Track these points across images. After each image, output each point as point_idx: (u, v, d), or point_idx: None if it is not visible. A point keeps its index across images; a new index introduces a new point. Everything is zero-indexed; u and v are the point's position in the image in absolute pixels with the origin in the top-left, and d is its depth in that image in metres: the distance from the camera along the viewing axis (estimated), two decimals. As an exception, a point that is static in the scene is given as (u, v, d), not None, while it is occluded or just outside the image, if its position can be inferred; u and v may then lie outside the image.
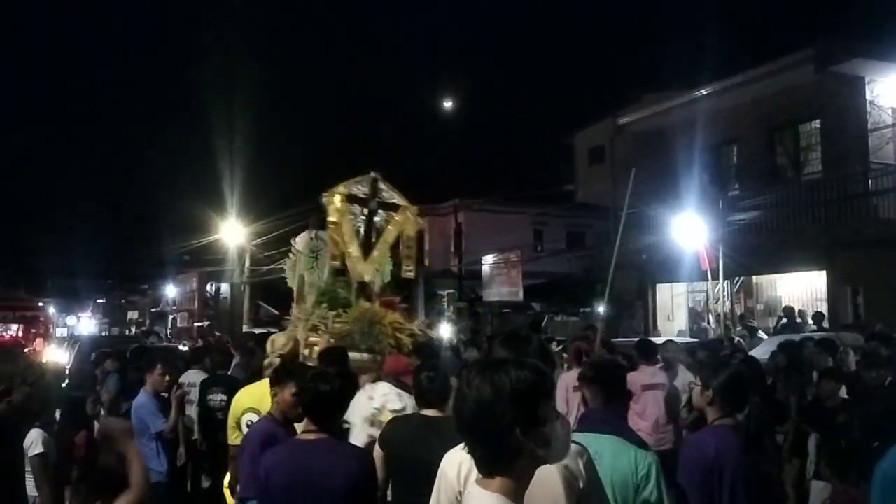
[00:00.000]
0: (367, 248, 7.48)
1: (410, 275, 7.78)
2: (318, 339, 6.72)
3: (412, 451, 3.46)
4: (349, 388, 3.59)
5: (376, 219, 7.61)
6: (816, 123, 16.48)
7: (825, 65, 15.33)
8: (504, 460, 1.79)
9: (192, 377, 9.11)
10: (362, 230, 7.55)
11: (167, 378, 6.55)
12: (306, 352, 6.60)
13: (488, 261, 26.01)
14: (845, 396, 6.92)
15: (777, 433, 7.45)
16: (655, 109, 20.07)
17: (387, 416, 4.58)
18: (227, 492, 4.73)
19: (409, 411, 4.43)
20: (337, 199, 7.36)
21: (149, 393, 6.40)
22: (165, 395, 6.62)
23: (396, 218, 7.64)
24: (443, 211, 29.55)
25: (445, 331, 17.87)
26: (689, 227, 14.62)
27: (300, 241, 8.10)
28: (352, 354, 5.95)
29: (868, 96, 15.59)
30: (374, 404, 4.72)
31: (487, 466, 1.81)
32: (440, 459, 2.54)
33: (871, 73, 15.52)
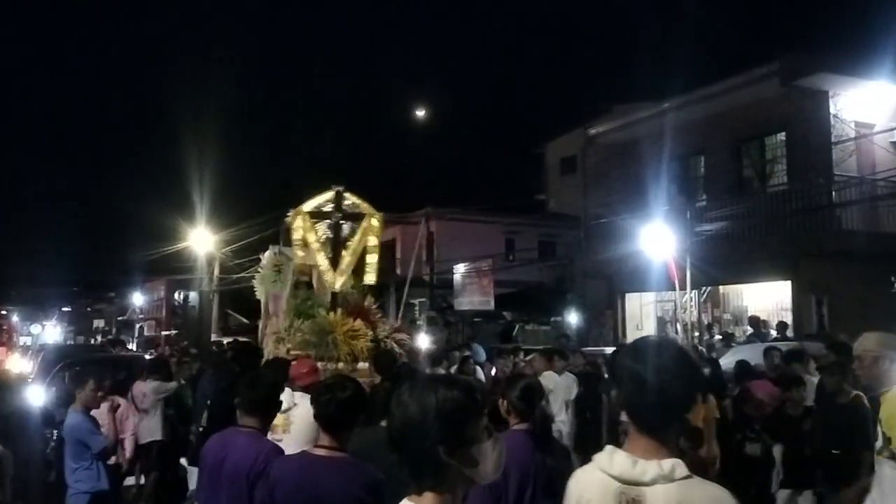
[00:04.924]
0: (335, 259, 7.79)
1: (371, 281, 8.09)
2: (280, 349, 7.13)
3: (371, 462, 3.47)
4: (363, 396, 3.58)
5: (343, 230, 7.96)
6: (782, 136, 16.75)
7: (790, 78, 15.62)
8: (429, 478, 1.81)
9: (148, 387, 9.21)
10: (329, 243, 7.88)
11: (99, 394, 6.18)
12: None
13: (460, 270, 26.02)
14: (808, 404, 7.06)
15: (749, 439, 7.57)
16: (625, 120, 20.27)
17: (279, 419, 4.72)
18: None
19: (296, 410, 4.70)
20: (300, 218, 7.83)
21: (79, 411, 5.99)
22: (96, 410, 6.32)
23: (362, 226, 7.97)
24: (414, 220, 29.52)
25: (423, 341, 17.84)
26: (658, 238, 14.76)
27: (265, 257, 8.43)
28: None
29: (832, 110, 15.89)
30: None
31: (415, 483, 1.83)
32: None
33: (834, 87, 15.83)
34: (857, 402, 6.27)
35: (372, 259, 8.11)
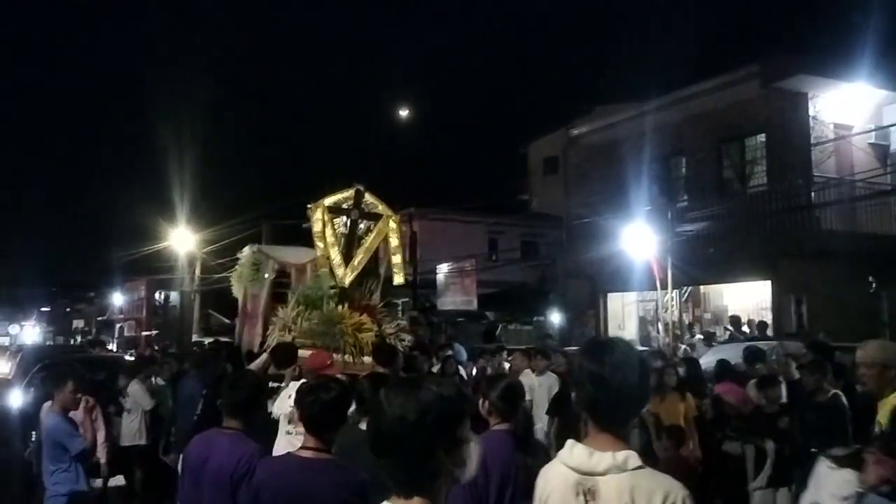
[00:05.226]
0: (348, 255, 8.02)
1: (400, 280, 8.28)
2: (287, 336, 7.28)
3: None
4: (348, 397, 3.56)
5: (359, 228, 8.20)
6: (762, 137, 16.90)
7: (770, 80, 15.77)
8: (424, 481, 1.77)
9: (133, 388, 9.18)
10: (344, 238, 8.10)
11: (78, 395, 6.07)
12: None
13: (443, 269, 26.04)
14: (783, 401, 7.17)
15: (728, 438, 7.66)
16: (607, 121, 20.38)
17: None
18: None
19: None
20: (319, 211, 7.99)
21: (57, 412, 5.90)
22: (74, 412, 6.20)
23: (378, 227, 8.20)
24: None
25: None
26: (639, 238, 14.85)
27: (243, 254, 8.53)
28: (305, 352, 6.41)
29: (811, 111, 16.05)
30: (291, 402, 4.98)
31: (407, 487, 1.77)
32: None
33: (813, 89, 15.99)
34: (836, 401, 6.34)
35: (396, 259, 8.35)
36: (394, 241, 8.29)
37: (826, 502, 3.89)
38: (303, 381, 5.36)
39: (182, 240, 25.39)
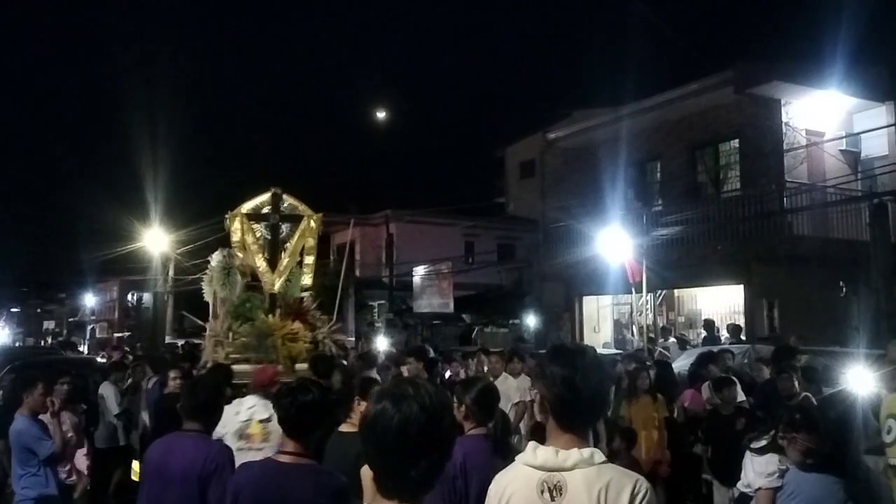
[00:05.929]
0: (273, 260, 7.85)
1: (308, 282, 8.16)
2: (219, 353, 7.06)
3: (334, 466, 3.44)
4: (329, 401, 3.55)
5: (281, 231, 8.02)
6: (735, 143, 17.07)
7: (744, 87, 15.94)
8: (438, 476, 1.73)
9: (105, 390, 9.10)
10: (267, 244, 7.92)
11: (47, 399, 6.01)
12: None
13: (419, 272, 26.04)
14: (739, 402, 7.30)
15: (699, 440, 7.72)
16: (584, 126, 20.48)
17: (255, 428, 4.83)
18: None
19: (275, 420, 4.63)
20: (237, 220, 7.88)
21: (26, 416, 5.82)
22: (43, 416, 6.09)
23: (300, 228, 8.02)
24: (374, 221, 29.49)
25: (381, 343, 17.86)
26: (615, 241, 14.93)
27: (214, 258, 8.40)
28: (240, 367, 6.31)
29: (784, 118, 16.24)
30: (241, 417, 4.95)
31: (424, 488, 1.70)
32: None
33: (786, 96, 16.19)
34: (807, 403, 6.45)
35: (309, 260, 8.17)
36: (310, 242, 8.13)
37: (754, 481, 4.34)
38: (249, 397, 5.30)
39: (156, 240, 25.10)
